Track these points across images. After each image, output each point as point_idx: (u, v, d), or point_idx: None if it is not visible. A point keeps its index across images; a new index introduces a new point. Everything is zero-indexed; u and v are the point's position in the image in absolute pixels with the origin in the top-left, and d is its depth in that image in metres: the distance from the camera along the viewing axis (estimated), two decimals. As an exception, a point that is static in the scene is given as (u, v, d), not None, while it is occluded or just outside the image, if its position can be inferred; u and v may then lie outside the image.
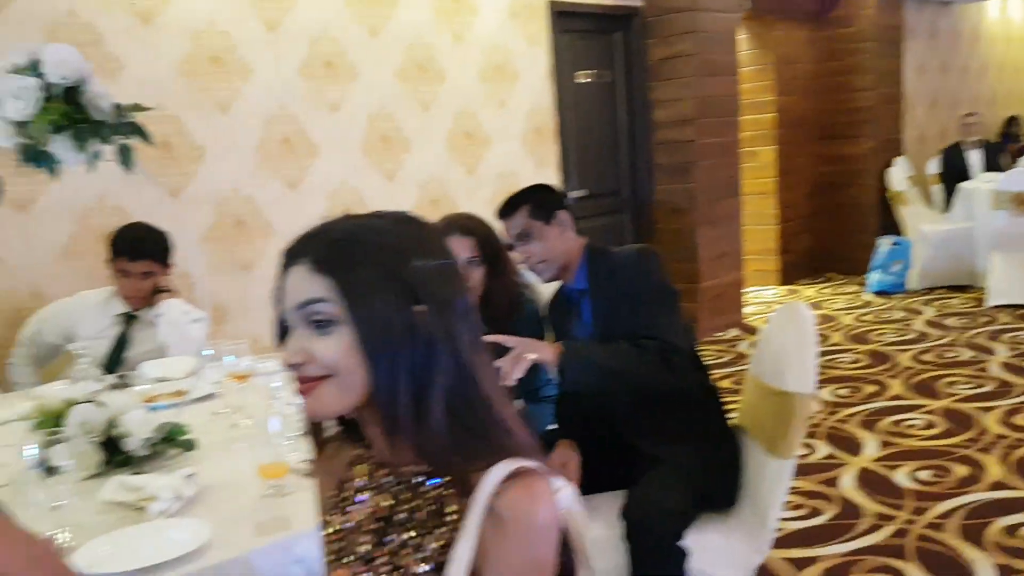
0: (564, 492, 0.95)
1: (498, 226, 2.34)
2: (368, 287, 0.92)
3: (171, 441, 1.85)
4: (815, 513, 2.94)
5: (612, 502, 1.96)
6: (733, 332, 5.60)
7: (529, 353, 1.87)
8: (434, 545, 0.95)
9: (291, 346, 0.93)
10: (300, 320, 0.94)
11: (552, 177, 4.94)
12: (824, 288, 6.86)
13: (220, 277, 3.68)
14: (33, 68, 1.57)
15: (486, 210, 4.65)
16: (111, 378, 2.47)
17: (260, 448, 1.60)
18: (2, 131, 1.59)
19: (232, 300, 3.70)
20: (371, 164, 4.16)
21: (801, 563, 2.61)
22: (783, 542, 2.74)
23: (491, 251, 2.38)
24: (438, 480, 0.97)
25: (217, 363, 2.18)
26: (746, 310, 5.90)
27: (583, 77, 5.14)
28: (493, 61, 4.63)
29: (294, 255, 0.96)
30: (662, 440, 2.04)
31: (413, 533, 0.97)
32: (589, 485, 2.06)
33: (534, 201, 2.22)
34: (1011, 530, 2.69)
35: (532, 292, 2.56)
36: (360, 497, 1.03)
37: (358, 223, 0.98)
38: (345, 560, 1.02)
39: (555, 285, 2.36)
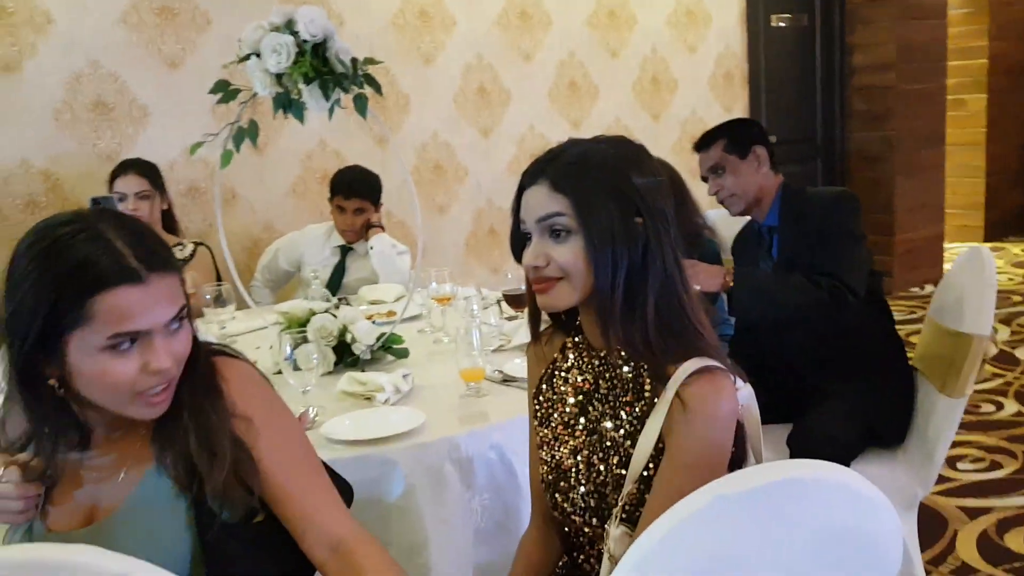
0: (744, 391, 1.13)
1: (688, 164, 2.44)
2: (597, 202, 1.12)
3: (389, 349, 2.16)
4: (995, 467, 2.89)
5: (780, 432, 2.07)
6: (930, 288, 5.37)
7: (694, 284, 1.98)
8: (627, 418, 1.16)
9: (533, 251, 1.14)
10: (540, 231, 1.14)
11: (739, 124, 4.91)
12: (1036, 246, 6.37)
13: (421, 219, 4.01)
14: (288, 27, 1.87)
15: (670, 157, 4.73)
16: (335, 300, 2.86)
17: (461, 357, 1.86)
18: (263, 81, 1.91)
19: (430, 240, 4.04)
20: (558, 111, 4.35)
21: (974, 512, 2.60)
22: (959, 491, 2.73)
23: (673, 191, 2.49)
24: (635, 367, 1.17)
25: (423, 289, 2.48)
26: (946, 267, 5.61)
27: (778, 20, 5.03)
28: (684, 5, 4.65)
29: (533, 176, 1.15)
30: (835, 376, 2.10)
31: (610, 406, 1.18)
32: (763, 418, 2.16)
33: (731, 135, 2.26)
34: None
35: (713, 233, 2.65)
36: (567, 375, 1.24)
37: (585, 147, 1.17)
38: (550, 424, 1.24)
39: (743, 221, 2.44)
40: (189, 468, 1.04)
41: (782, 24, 5.05)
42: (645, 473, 1.12)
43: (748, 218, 2.38)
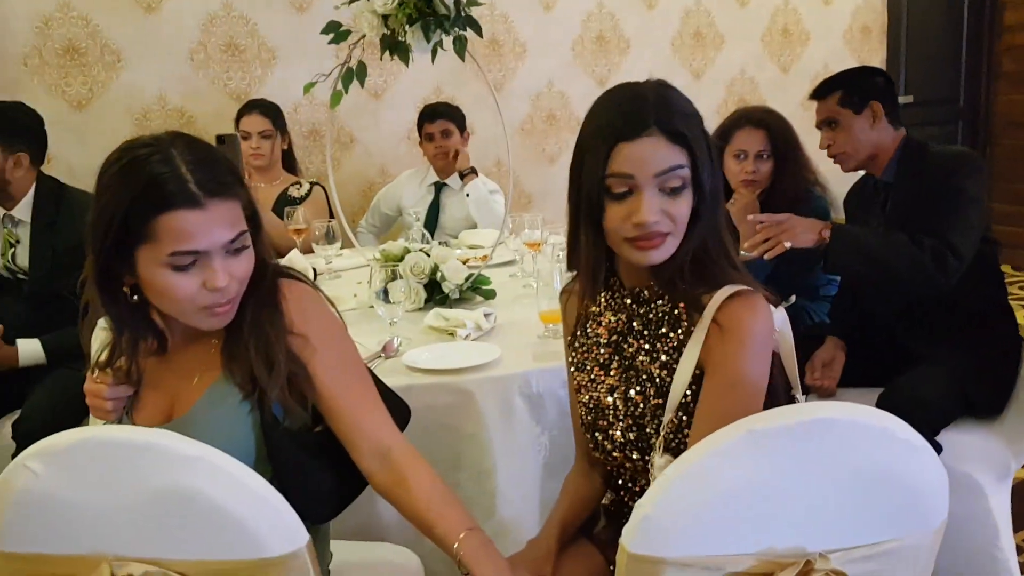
0: (779, 313, 1.13)
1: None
2: (703, 153, 1.12)
3: (477, 289, 2.23)
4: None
5: (872, 396, 2.01)
6: (1073, 266, 4.96)
7: (787, 240, 1.92)
8: (663, 349, 1.18)
9: (651, 207, 1.09)
10: (655, 184, 1.10)
11: (874, 81, 4.65)
12: None
13: (527, 167, 4.06)
14: (396, -32, 1.93)
15: (797, 112, 4.56)
16: (434, 241, 2.95)
17: (542, 300, 1.90)
18: (370, 24, 1.98)
19: (535, 189, 4.08)
20: (680, 61, 4.25)
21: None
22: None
23: (783, 145, 2.40)
24: (670, 300, 1.19)
25: (516, 234, 2.52)
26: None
27: (923, -28, 4.71)
28: (823, -45, 4.42)
29: (639, 126, 1.09)
30: (935, 341, 2.02)
31: (646, 340, 1.20)
32: (854, 380, 2.11)
33: (848, 87, 2.14)
34: None
35: (824, 190, 2.54)
36: (599, 319, 1.27)
37: (672, 92, 1.15)
38: (586, 368, 1.27)
39: (858, 175, 2.34)
40: (251, 377, 1.13)
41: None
42: (684, 400, 1.14)
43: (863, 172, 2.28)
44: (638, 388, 1.20)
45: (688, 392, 1.14)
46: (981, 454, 1.87)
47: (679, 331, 1.17)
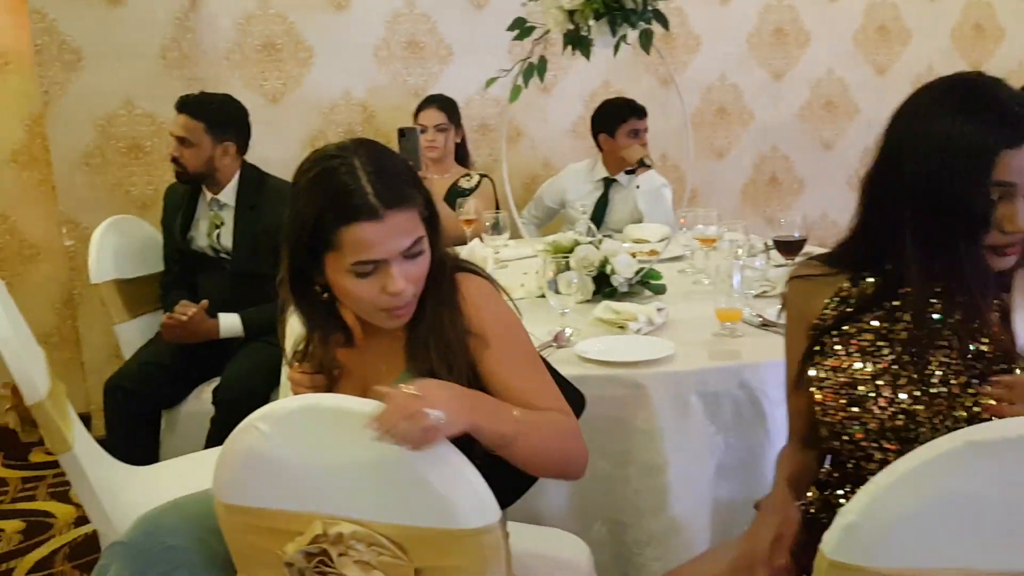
0: None
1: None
2: None
3: (646, 284, 2.22)
4: None
5: None
6: None
7: None
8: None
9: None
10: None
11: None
12: None
13: (695, 161, 3.98)
14: (586, -36, 1.96)
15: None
16: (600, 235, 2.96)
17: (719, 297, 1.87)
18: (556, 18, 2.02)
19: (702, 183, 4.00)
20: (863, 55, 4.05)
21: None
22: None
23: None
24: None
25: (688, 229, 2.49)
26: None
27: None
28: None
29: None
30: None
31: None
32: None
33: None
34: None
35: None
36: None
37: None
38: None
39: None
40: (432, 375, 1.18)
41: None
42: None
43: None
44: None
45: None
46: None
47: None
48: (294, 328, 1.32)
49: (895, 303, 1.22)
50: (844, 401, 1.22)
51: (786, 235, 2.31)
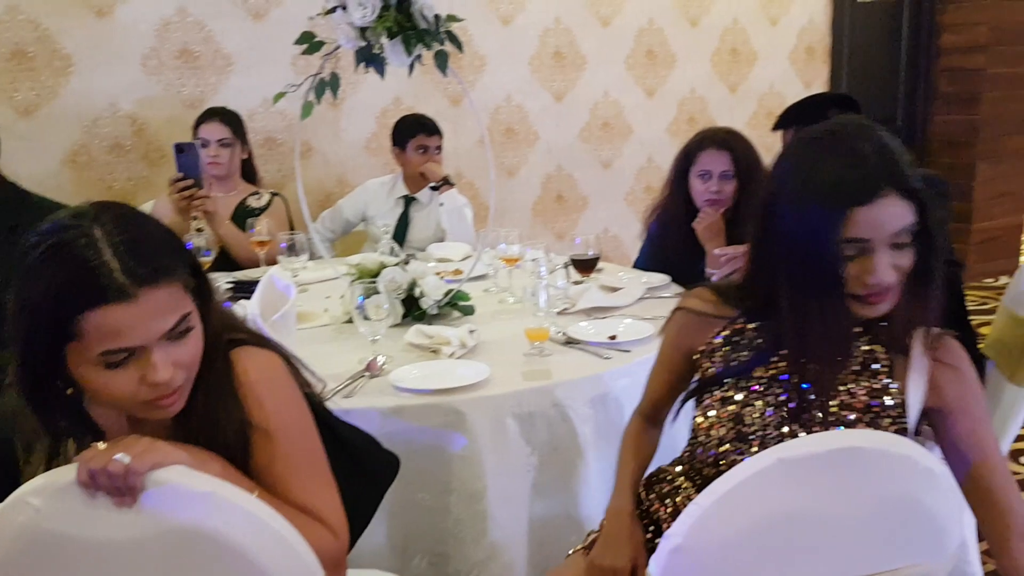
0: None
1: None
2: (931, 204, 1.10)
3: (456, 305, 2.21)
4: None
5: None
6: (1005, 279, 5.20)
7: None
8: (862, 393, 1.19)
9: (885, 267, 1.08)
10: (886, 243, 1.08)
11: (817, 101, 4.80)
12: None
13: (486, 181, 4.05)
14: (374, -19, 1.91)
15: (746, 131, 4.65)
16: (404, 256, 2.92)
17: (527, 317, 1.89)
18: (347, 34, 1.95)
19: (497, 203, 4.04)
20: (634, 79, 4.31)
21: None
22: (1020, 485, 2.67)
23: (746, 166, 2.43)
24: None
25: (490, 248, 2.51)
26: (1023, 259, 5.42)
27: (866, -4, 4.89)
28: (769, -23, 4.55)
29: (872, 190, 1.06)
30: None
31: (846, 385, 1.20)
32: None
33: (803, 123, 2.20)
34: None
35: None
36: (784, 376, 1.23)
37: (888, 139, 1.10)
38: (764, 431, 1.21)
39: None
40: None
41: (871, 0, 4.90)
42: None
43: None
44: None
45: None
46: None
47: (878, 371, 1.20)
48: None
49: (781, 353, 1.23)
50: (729, 433, 1.23)
51: (581, 254, 2.40)
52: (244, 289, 2.36)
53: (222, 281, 2.55)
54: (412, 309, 2.15)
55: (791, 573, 0.95)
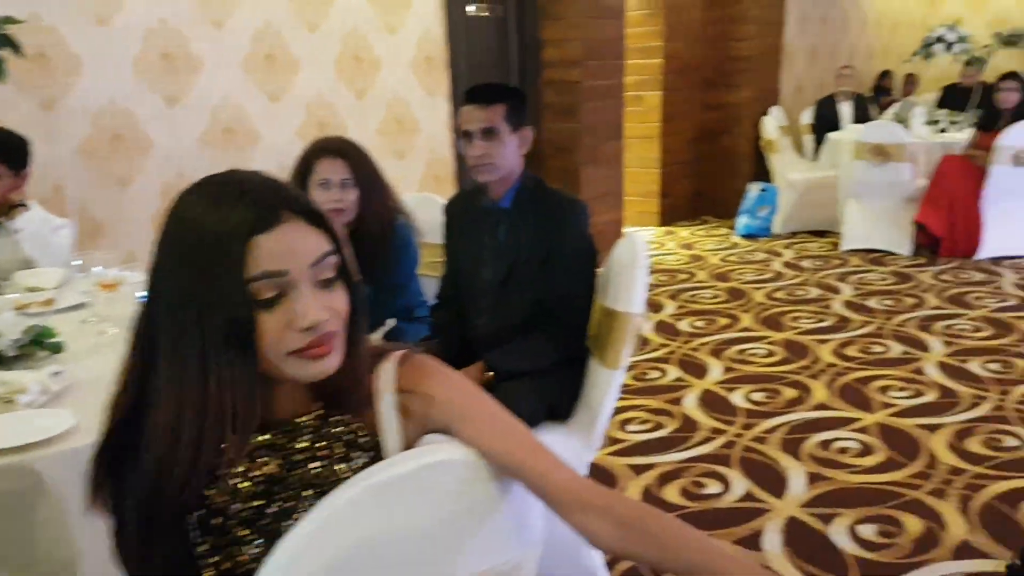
0: None
1: (379, 142, 2.42)
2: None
3: (39, 344, 1.92)
4: (658, 427, 3.25)
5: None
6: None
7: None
8: (342, 466, 1.03)
9: (311, 299, 0.95)
10: (310, 279, 0.96)
11: (443, 107, 5.02)
12: (698, 230, 7.24)
13: (94, 193, 3.64)
14: None
15: (375, 138, 4.74)
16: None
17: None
18: None
19: (107, 216, 3.68)
20: (256, 83, 4.15)
21: (640, 468, 2.91)
22: (627, 451, 3.04)
23: (365, 174, 2.42)
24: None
25: (86, 273, 2.24)
26: (624, 246, 6.18)
27: (476, 10, 5.20)
28: (384, -14, 4.64)
29: (279, 209, 0.94)
30: (519, 359, 2.21)
31: (317, 466, 1.04)
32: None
33: (512, 104, 2.21)
34: (825, 444, 3.06)
35: (408, 217, 2.64)
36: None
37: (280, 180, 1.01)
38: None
39: (436, 203, 2.44)
40: None
41: (480, 13, 5.22)
42: None
43: (455, 190, 2.43)
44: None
45: None
46: (562, 453, 2.09)
47: (354, 444, 1.05)
48: None
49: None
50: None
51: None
52: None
53: None
54: (-17, 353, 1.83)
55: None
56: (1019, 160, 5.42)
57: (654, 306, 4.92)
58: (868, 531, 2.48)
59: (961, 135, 6.07)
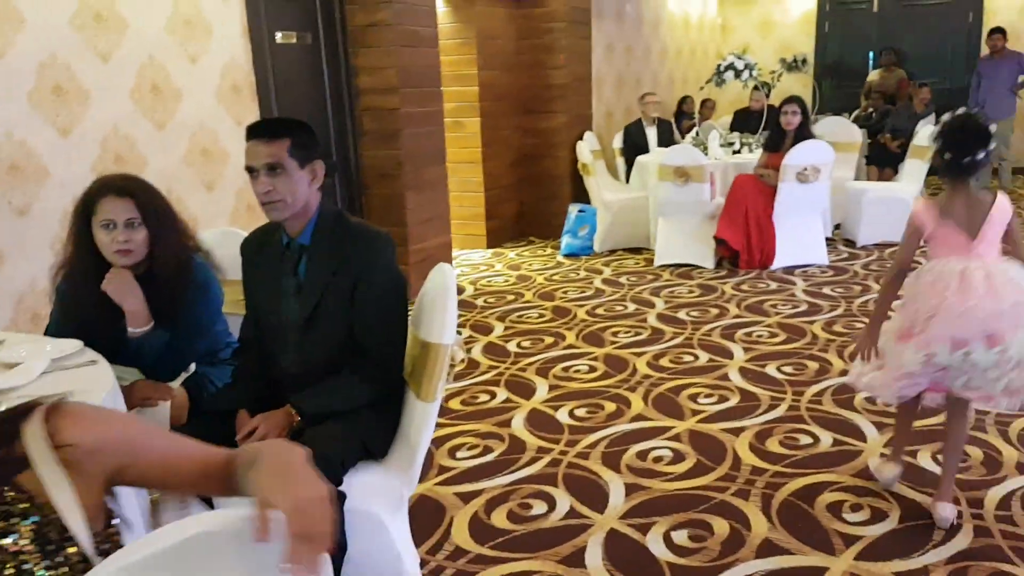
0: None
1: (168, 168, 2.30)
2: None
3: None
4: (487, 451, 3.28)
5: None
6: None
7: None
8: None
9: None
10: None
11: (253, 138, 4.86)
12: (524, 251, 7.41)
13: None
14: None
15: (180, 168, 4.53)
16: None
17: None
18: None
19: (11, 246, 3.56)
20: (43, 117, 3.84)
21: (468, 496, 2.92)
22: (455, 479, 3.04)
23: (153, 211, 2.29)
24: None
25: None
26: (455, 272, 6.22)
27: (283, 37, 5.09)
28: (181, 14, 4.44)
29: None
30: (329, 400, 2.15)
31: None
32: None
33: (297, 138, 2.14)
34: (642, 455, 3.20)
35: (207, 255, 2.53)
36: None
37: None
38: None
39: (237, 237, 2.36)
40: None
41: (289, 40, 5.12)
42: None
43: (252, 227, 2.36)
44: None
45: None
46: (379, 490, 2.07)
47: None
48: None
49: None
50: None
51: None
52: None
53: None
54: None
55: None
56: (802, 178, 5.95)
57: (484, 328, 4.98)
58: (681, 537, 2.61)
59: (752, 156, 6.59)
